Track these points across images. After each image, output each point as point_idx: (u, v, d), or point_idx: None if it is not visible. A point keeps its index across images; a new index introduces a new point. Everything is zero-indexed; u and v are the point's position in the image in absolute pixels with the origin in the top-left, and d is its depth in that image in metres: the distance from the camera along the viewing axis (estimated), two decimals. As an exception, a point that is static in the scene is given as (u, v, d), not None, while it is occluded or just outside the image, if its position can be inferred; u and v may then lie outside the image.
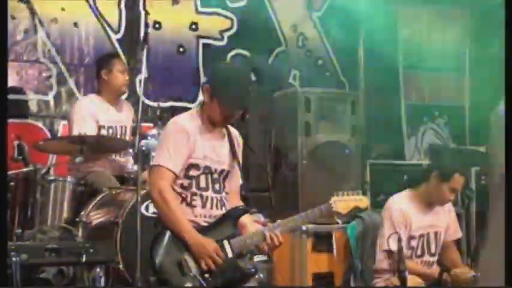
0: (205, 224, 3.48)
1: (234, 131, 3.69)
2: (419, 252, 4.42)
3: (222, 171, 3.56)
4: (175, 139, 3.43)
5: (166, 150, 3.42)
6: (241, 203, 3.67)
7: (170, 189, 3.40)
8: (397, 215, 4.32)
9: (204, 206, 3.49)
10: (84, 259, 3.65)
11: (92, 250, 3.70)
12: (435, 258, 4.48)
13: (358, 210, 3.70)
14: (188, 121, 3.51)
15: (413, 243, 4.38)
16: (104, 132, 5.01)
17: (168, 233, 3.38)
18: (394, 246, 4.06)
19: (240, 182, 3.69)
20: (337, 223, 5.03)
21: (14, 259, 3.38)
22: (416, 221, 4.36)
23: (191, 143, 3.43)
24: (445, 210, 4.51)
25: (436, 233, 4.46)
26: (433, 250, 4.45)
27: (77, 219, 4.46)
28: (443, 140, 6.98)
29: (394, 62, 6.79)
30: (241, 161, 3.66)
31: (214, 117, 3.51)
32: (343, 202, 3.55)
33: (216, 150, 3.54)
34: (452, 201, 4.52)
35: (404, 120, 6.87)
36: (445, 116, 7.01)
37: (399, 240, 3.92)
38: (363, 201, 3.61)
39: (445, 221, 4.51)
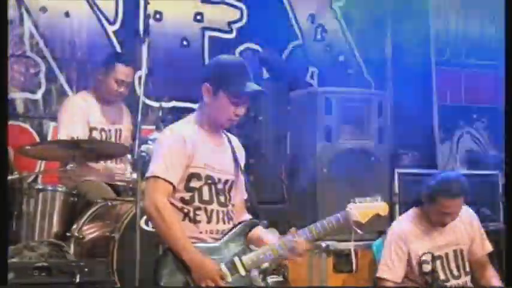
0: (212, 241, 3.49)
1: (234, 138, 3.73)
2: (442, 276, 4.43)
3: (227, 181, 3.58)
4: (170, 147, 3.46)
5: (162, 159, 3.44)
6: (248, 216, 3.68)
7: (167, 203, 3.41)
8: (394, 242, 4.41)
9: (209, 221, 3.50)
10: (77, 279, 3.65)
11: (86, 269, 3.70)
12: (464, 279, 4.49)
13: (379, 217, 3.72)
14: (184, 127, 3.54)
15: (429, 267, 4.40)
16: (96, 134, 5.03)
17: (170, 253, 3.40)
18: (384, 275, 4.32)
19: (245, 193, 3.70)
20: (360, 240, 5.03)
21: (-2, 278, 3.38)
22: (423, 243, 4.42)
23: (189, 150, 3.45)
24: (465, 224, 4.53)
25: (456, 252, 4.49)
26: (455, 272, 4.47)
27: (69, 234, 4.47)
28: (482, 146, 6.97)
29: (426, 58, 6.79)
30: (244, 171, 3.66)
31: (219, 116, 3.53)
32: (362, 209, 3.58)
33: (218, 158, 3.56)
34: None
35: (437, 123, 6.87)
36: (484, 119, 7.01)
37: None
38: (384, 208, 3.64)
39: (466, 236, 4.52)
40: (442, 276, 4.42)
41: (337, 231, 3.62)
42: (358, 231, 3.49)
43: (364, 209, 3.58)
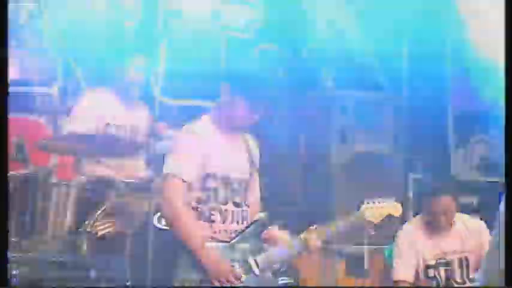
0: (227, 240, 3.48)
1: (249, 137, 3.71)
2: (444, 283, 4.45)
3: (242, 180, 3.57)
4: (187, 146, 3.47)
5: (177, 158, 3.44)
6: (263, 216, 3.67)
7: (181, 202, 3.41)
8: (402, 243, 4.48)
9: (224, 220, 3.51)
10: (91, 275, 3.64)
11: (99, 265, 3.70)
12: (468, 286, 4.49)
13: (391, 218, 3.71)
14: (201, 127, 3.54)
15: (433, 272, 4.46)
16: (112, 130, 5.03)
17: (185, 251, 3.39)
18: (401, 277, 4.37)
19: (259, 192, 3.68)
20: (372, 245, 5.02)
21: (14, 272, 3.38)
22: (429, 248, 4.47)
23: (205, 150, 3.45)
24: (472, 232, 4.55)
25: (460, 259, 4.52)
26: (458, 279, 4.50)
27: (82, 229, 4.47)
28: (497, 153, 6.92)
29: (443, 63, 6.75)
30: (258, 171, 3.65)
31: (236, 118, 3.52)
32: (374, 210, 3.60)
33: (234, 158, 3.57)
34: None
35: (452, 129, 6.83)
36: (500, 126, 6.94)
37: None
38: (396, 208, 3.66)
39: (473, 245, 4.53)
40: (444, 283, 4.45)
41: (350, 231, 3.62)
42: (372, 231, 3.50)
43: (377, 209, 3.61)
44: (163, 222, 4.08)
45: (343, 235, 3.65)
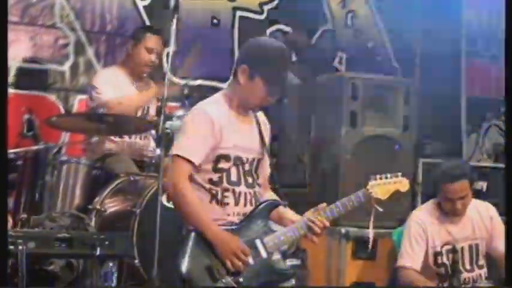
0: (236, 222, 3.46)
1: (261, 116, 3.66)
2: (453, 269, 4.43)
3: (253, 160, 3.54)
4: (197, 127, 3.42)
5: (186, 138, 3.41)
6: (272, 196, 3.65)
7: (187, 182, 3.38)
8: (414, 229, 4.44)
9: (237, 203, 3.47)
10: (98, 252, 3.65)
11: (106, 242, 3.70)
12: (477, 273, 4.49)
13: (399, 194, 3.69)
14: (213, 107, 3.48)
15: (443, 259, 4.42)
16: (122, 109, 5.02)
17: (193, 235, 3.37)
18: (406, 263, 4.35)
19: (269, 169, 3.66)
20: (380, 228, 5.00)
21: (20, 247, 3.39)
22: (440, 234, 4.44)
23: (217, 131, 3.41)
24: (483, 219, 4.52)
25: (471, 246, 4.48)
26: (467, 266, 4.47)
27: (90, 207, 4.48)
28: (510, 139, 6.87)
29: (456, 47, 6.70)
30: (269, 149, 3.64)
31: (252, 99, 3.49)
32: (382, 186, 3.56)
33: (246, 138, 3.52)
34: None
35: (465, 114, 6.78)
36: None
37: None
38: (403, 183, 3.62)
39: (484, 231, 4.51)
40: (452, 270, 4.41)
41: (358, 209, 3.59)
42: (379, 208, 3.48)
43: (384, 185, 3.57)
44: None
45: (350, 214, 3.62)
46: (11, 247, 3.42)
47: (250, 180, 3.51)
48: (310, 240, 3.49)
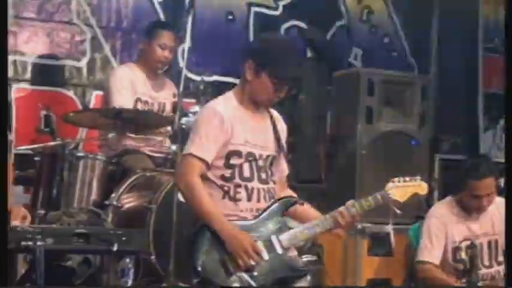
0: (250, 218, 3.45)
1: (276, 113, 3.65)
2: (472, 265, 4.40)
3: (268, 157, 3.52)
4: (207, 125, 3.41)
5: (198, 138, 3.40)
6: (290, 193, 3.64)
7: (197, 179, 3.36)
8: (433, 224, 4.45)
9: (249, 199, 3.45)
10: (115, 248, 3.66)
11: (123, 238, 3.71)
12: (496, 269, 4.48)
13: (418, 197, 3.68)
14: (222, 104, 3.48)
15: (461, 254, 4.35)
16: (140, 106, 5.04)
17: (206, 230, 3.37)
18: (425, 258, 4.37)
19: (286, 169, 3.65)
20: (397, 224, 4.99)
21: (39, 243, 3.40)
22: (459, 230, 4.44)
23: (227, 127, 3.40)
24: (501, 215, 4.47)
25: (490, 242, 4.48)
26: (486, 262, 4.47)
27: (107, 202, 4.49)
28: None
29: (473, 44, 6.65)
30: (285, 147, 3.62)
31: (260, 95, 3.47)
32: (400, 189, 3.54)
33: (259, 134, 3.51)
34: None
35: (482, 111, 6.74)
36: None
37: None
38: (422, 186, 3.61)
39: (501, 226, 4.47)
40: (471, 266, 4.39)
41: (376, 210, 3.59)
42: (397, 210, 3.47)
43: (402, 188, 3.55)
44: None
45: (369, 214, 3.61)
46: (29, 243, 3.44)
47: (263, 176, 3.49)
48: (335, 235, 3.49)
